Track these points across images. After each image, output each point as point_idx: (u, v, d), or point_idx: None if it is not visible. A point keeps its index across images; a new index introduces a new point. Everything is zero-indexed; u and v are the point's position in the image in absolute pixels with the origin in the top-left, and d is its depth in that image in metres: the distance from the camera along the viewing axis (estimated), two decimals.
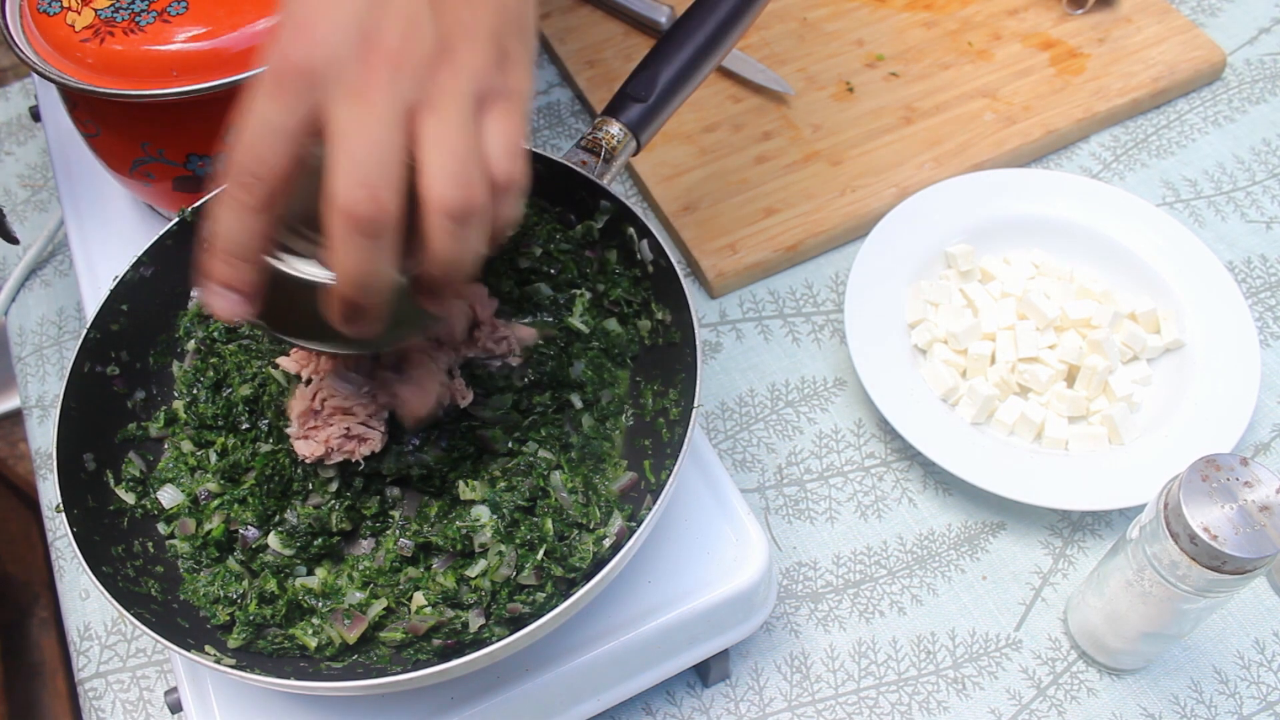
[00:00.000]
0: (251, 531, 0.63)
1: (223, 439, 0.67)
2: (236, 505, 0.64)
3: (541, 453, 0.64)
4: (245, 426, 0.67)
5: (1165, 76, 0.99)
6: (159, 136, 0.72)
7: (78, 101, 0.74)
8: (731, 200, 0.93)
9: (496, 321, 0.68)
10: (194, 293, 0.72)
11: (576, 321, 0.70)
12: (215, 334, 0.70)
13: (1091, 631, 0.71)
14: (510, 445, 0.65)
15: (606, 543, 0.61)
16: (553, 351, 0.68)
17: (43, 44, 0.71)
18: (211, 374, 0.68)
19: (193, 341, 0.70)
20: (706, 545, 0.65)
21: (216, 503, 0.64)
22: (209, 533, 0.64)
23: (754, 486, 0.81)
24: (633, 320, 0.71)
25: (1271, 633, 0.73)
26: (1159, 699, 0.71)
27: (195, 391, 0.68)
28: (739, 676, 0.73)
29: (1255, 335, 0.80)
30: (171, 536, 0.65)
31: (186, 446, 0.67)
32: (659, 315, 0.69)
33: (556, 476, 0.63)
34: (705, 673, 0.72)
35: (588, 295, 0.71)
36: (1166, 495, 0.59)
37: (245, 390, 0.67)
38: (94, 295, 0.78)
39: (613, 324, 0.71)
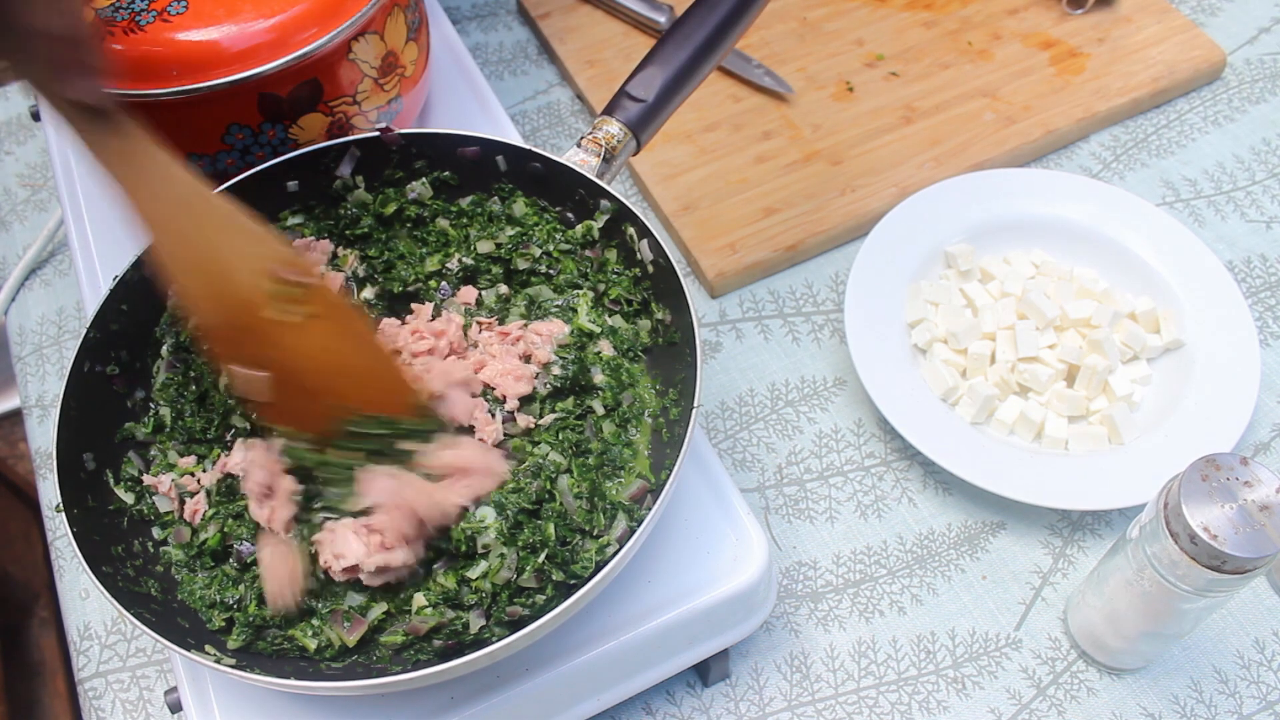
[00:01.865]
0: (247, 547, 0.63)
1: (216, 451, 0.67)
2: (231, 520, 0.64)
3: (552, 455, 0.64)
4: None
5: (1165, 76, 0.99)
6: (158, 136, 0.72)
7: None
8: (731, 200, 0.93)
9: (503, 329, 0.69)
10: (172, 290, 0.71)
11: (585, 321, 0.70)
12: (184, 341, 0.69)
13: (1091, 631, 0.71)
14: (523, 445, 0.65)
15: (610, 550, 0.61)
16: (571, 356, 0.68)
17: None
18: (194, 388, 0.68)
19: (168, 344, 0.69)
20: (706, 545, 0.65)
21: (211, 512, 0.64)
22: (204, 542, 0.64)
23: (754, 486, 0.81)
24: (633, 319, 0.71)
25: (1271, 633, 0.73)
26: (1159, 699, 0.71)
27: (180, 406, 0.68)
28: (739, 676, 0.73)
29: (1255, 335, 0.80)
30: (165, 543, 0.64)
31: (173, 457, 0.67)
32: (659, 315, 0.69)
33: (564, 481, 0.63)
34: (705, 672, 0.72)
35: (590, 294, 0.71)
36: (1166, 495, 0.59)
37: (238, 420, 0.67)
38: (94, 295, 0.78)
39: (618, 320, 0.71)
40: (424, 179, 0.74)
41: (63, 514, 0.59)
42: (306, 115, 0.73)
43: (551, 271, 0.72)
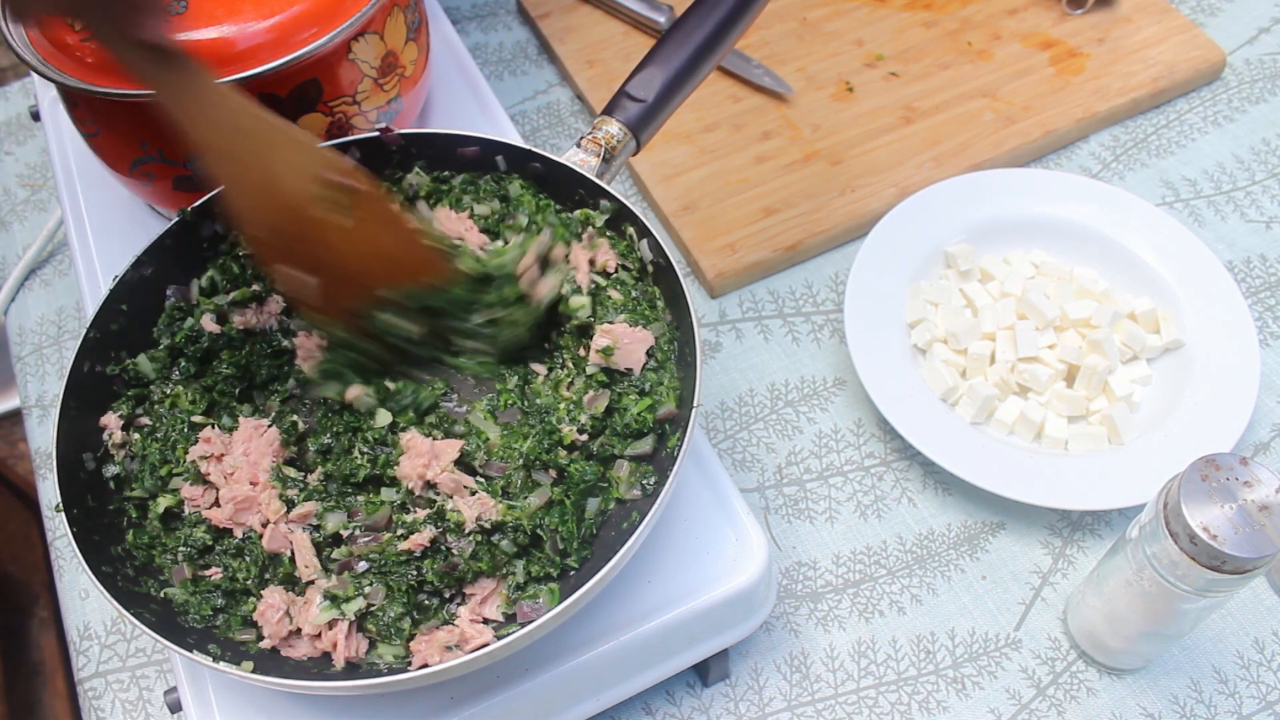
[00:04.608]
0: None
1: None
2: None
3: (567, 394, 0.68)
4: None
5: (1165, 76, 0.99)
6: (159, 136, 0.72)
7: (77, 101, 0.74)
8: (731, 200, 0.93)
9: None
10: (169, 291, 0.71)
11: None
12: (179, 341, 0.69)
13: (1091, 631, 0.71)
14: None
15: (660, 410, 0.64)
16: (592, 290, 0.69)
17: (43, 43, 0.71)
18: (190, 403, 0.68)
19: (165, 343, 0.69)
20: (706, 545, 0.65)
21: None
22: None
23: (754, 486, 0.81)
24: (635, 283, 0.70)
25: (1271, 633, 0.73)
26: (1159, 699, 0.71)
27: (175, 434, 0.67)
28: (739, 676, 0.73)
29: (1255, 335, 0.80)
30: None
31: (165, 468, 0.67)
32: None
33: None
34: (705, 672, 0.72)
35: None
36: (1166, 495, 0.59)
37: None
38: (94, 295, 0.78)
39: (624, 275, 0.70)
40: (418, 169, 0.74)
41: (63, 514, 0.59)
42: (306, 115, 0.73)
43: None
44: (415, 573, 0.61)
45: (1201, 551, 0.57)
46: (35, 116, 0.93)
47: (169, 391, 0.68)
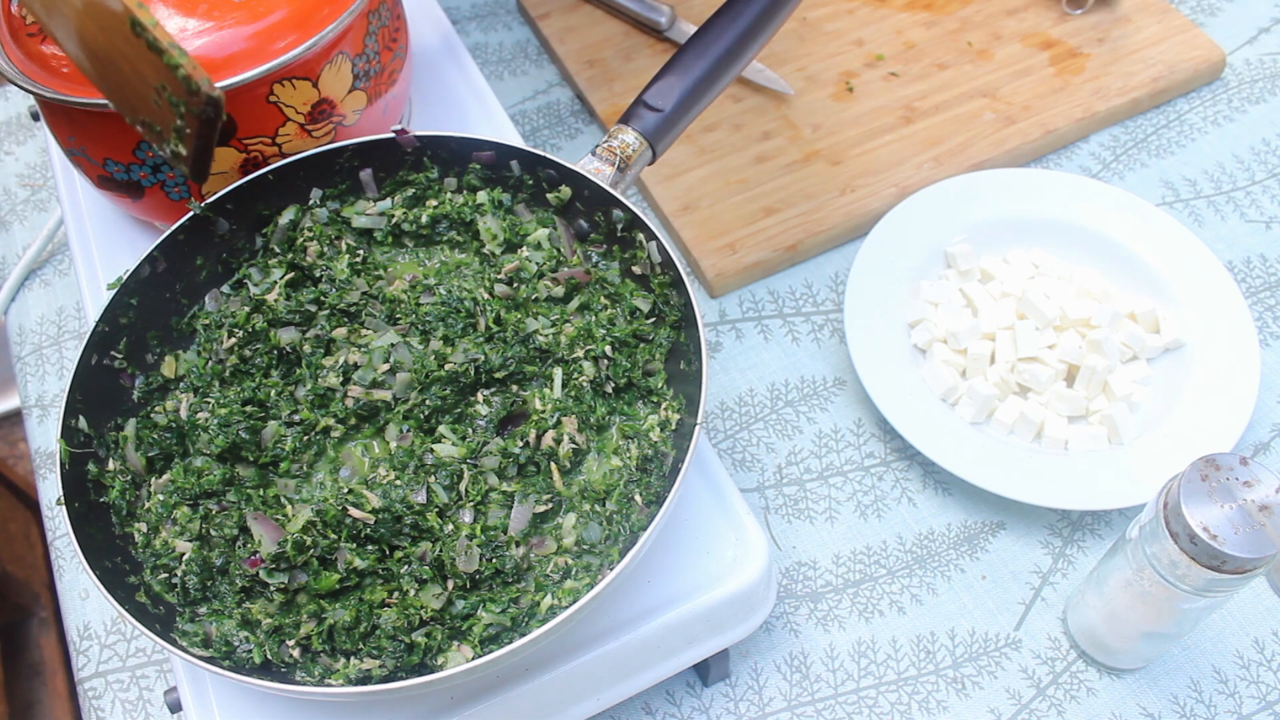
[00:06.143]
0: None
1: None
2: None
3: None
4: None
5: (1165, 76, 0.99)
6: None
7: (56, 112, 0.72)
8: (731, 200, 0.93)
9: None
10: (208, 298, 0.71)
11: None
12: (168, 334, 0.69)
13: (1091, 631, 0.71)
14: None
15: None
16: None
17: (18, 55, 0.69)
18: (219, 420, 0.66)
19: (195, 346, 0.69)
20: (706, 545, 0.65)
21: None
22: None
23: (754, 486, 0.81)
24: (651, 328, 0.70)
25: (1271, 633, 0.73)
26: (1159, 699, 0.71)
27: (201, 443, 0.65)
28: (739, 676, 0.73)
29: (1255, 335, 0.80)
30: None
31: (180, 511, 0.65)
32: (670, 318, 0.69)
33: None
34: (705, 672, 0.72)
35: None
36: (1166, 495, 0.59)
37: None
38: (94, 295, 0.78)
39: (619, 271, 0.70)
40: (452, 189, 0.73)
41: (63, 506, 0.59)
42: (219, 147, 0.69)
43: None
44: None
45: (1201, 551, 0.57)
46: (35, 116, 0.93)
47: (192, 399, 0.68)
